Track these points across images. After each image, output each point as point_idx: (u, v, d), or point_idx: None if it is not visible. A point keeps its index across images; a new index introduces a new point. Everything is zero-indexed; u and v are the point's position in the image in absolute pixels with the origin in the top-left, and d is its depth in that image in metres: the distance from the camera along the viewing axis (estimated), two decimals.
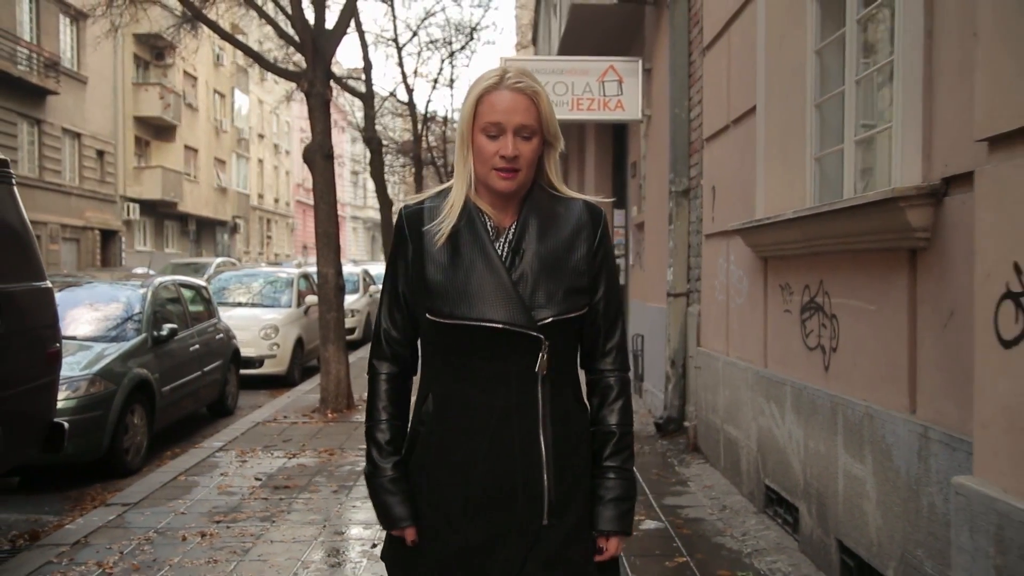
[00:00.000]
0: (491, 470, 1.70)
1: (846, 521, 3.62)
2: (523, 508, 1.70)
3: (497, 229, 1.75)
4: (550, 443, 1.70)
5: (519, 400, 1.69)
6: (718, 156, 5.99)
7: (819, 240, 3.92)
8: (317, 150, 8.28)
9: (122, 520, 4.88)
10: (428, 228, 1.73)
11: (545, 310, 1.68)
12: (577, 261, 1.74)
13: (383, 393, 1.83)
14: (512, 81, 1.68)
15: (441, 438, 1.74)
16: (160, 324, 7.13)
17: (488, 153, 1.68)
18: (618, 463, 1.78)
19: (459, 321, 1.67)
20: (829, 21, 4.48)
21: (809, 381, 4.11)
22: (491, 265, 1.69)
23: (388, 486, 1.78)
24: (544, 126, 1.71)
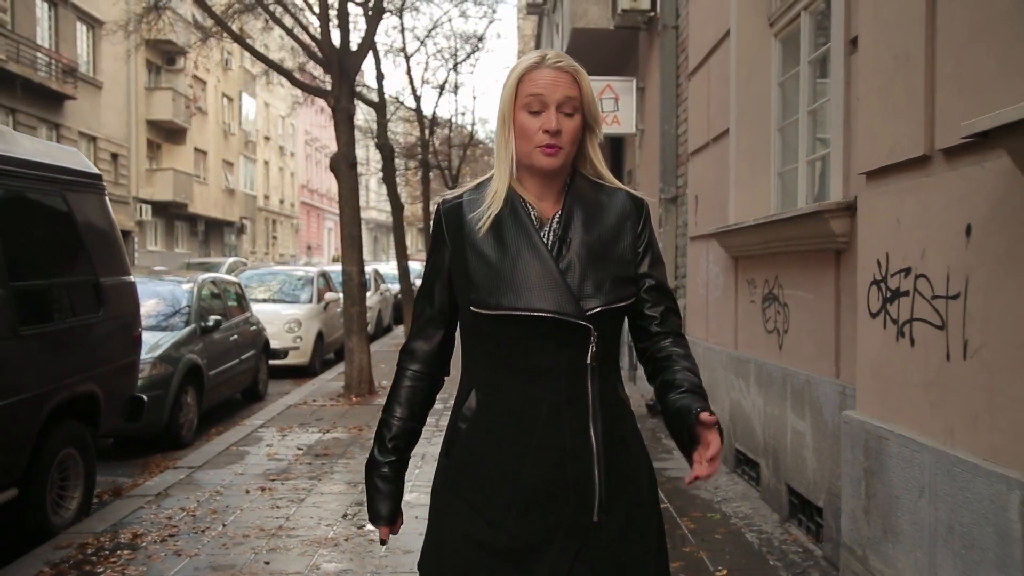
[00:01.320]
0: (541, 467, 1.64)
1: (792, 468, 4.51)
2: (573, 506, 1.64)
3: (541, 219, 1.71)
4: (600, 437, 1.65)
5: (569, 393, 1.64)
6: (700, 169, 6.87)
7: (774, 243, 4.81)
8: (342, 159, 9.15)
9: (191, 479, 5.77)
10: (470, 218, 1.71)
11: (594, 299, 1.64)
12: (624, 250, 1.71)
13: (404, 390, 1.82)
14: (553, 60, 1.68)
15: (486, 436, 1.70)
16: (206, 316, 8.02)
17: (531, 130, 1.65)
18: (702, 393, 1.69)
19: (506, 311, 1.63)
20: (789, 59, 5.36)
21: (767, 358, 5.00)
22: (538, 254, 1.65)
23: (378, 483, 1.80)
24: (586, 106, 1.69)
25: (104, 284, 5.10)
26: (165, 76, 33.57)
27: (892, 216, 2.80)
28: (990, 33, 2.20)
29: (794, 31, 5.16)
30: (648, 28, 8.57)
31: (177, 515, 4.91)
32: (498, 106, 1.73)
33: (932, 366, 2.51)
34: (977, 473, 2.21)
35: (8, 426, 4.10)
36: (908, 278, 2.66)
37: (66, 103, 25.97)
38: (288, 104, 47.28)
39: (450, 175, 23.06)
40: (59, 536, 4.50)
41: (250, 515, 4.93)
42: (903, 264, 2.70)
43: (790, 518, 4.60)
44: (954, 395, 2.39)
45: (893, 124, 2.76)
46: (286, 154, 51.99)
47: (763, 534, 4.49)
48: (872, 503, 2.85)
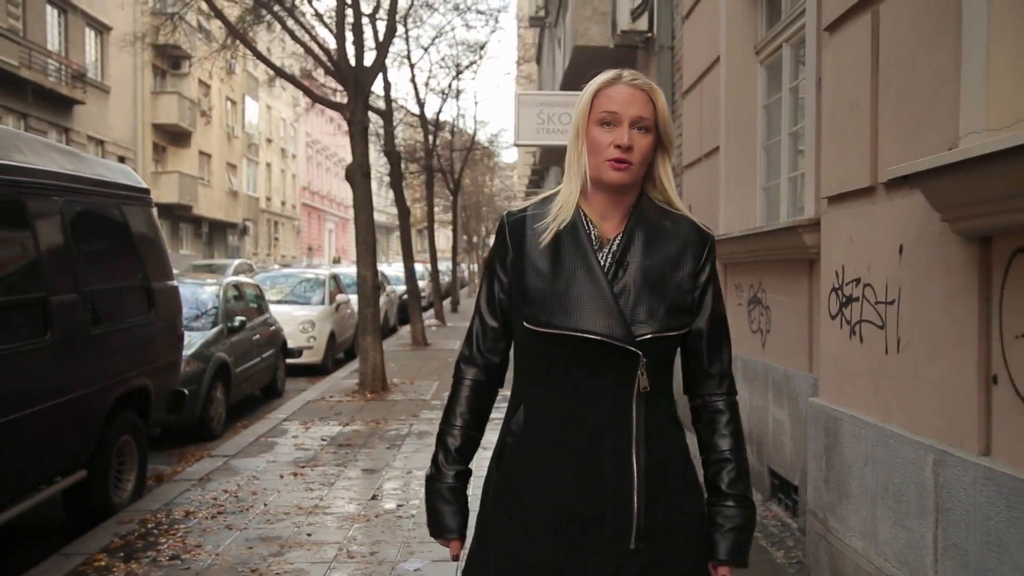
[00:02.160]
0: (579, 489, 1.63)
1: (773, 453, 5.07)
2: (610, 531, 1.62)
3: (601, 240, 1.70)
4: (643, 464, 1.63)
5: (612, 417, 1.63)
6: (694, 181, 7.43)
7: (758, 252, 5.37)
8: (357, 169, 9.71)
9: (228, 465, 6.33)
10: (532, 232, 1.71)
11: (645, 326, 1.63)
12: (682, 279, 1.69)
13: (463, 399, 1.81)
14: (629, 78, 1.67)
15: (530, 452, 1.70)
16: (231, 317, 8.58)
17: (603, 144, 1.64)
18: (737, 491, 1.70)
19: (555, 330, 1.63)
20: (773, 84, 5.92)
21: (752, 355, 5.56)
22: (592, 275, 1.64)
23: (446, 494, 1.77)
24: (660, 124, 1.67)
25: (154, 288, 5.66)
26: (171, 80, 34.13)
27: (847, 235, 3.36)
28: (915, 96, 2.75)
29: (777, 60, 5.72)
30: (645, 47, 9.13)
31: (221, 496, 5.47)
32: (572, 120, 1.73)
33: (875, 359, 3.07)
34: (904, 443, 2.77)
35: (81, 414, 4.66)
36: (858, 286, 3.23)
37: (75, 108, 26.50)
38: (290, 107, 48.02)
39: (452, 178, 23.65)
40: (121, 513, 5.07)
41: (287, 496, 5.49)
42: (855, 275, 3.26)
43: (771, 497, 5.17)
44: (890, 382, 2.95)
45: (847, 158, 3.33)
46: (287, 156, 52.55)
47: None
48: (830, 474, 3.42)
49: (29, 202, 4.28)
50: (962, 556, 2.43)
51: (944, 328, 2.58)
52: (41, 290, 4.29)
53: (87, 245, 4.84)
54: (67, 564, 4.22)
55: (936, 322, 2.63)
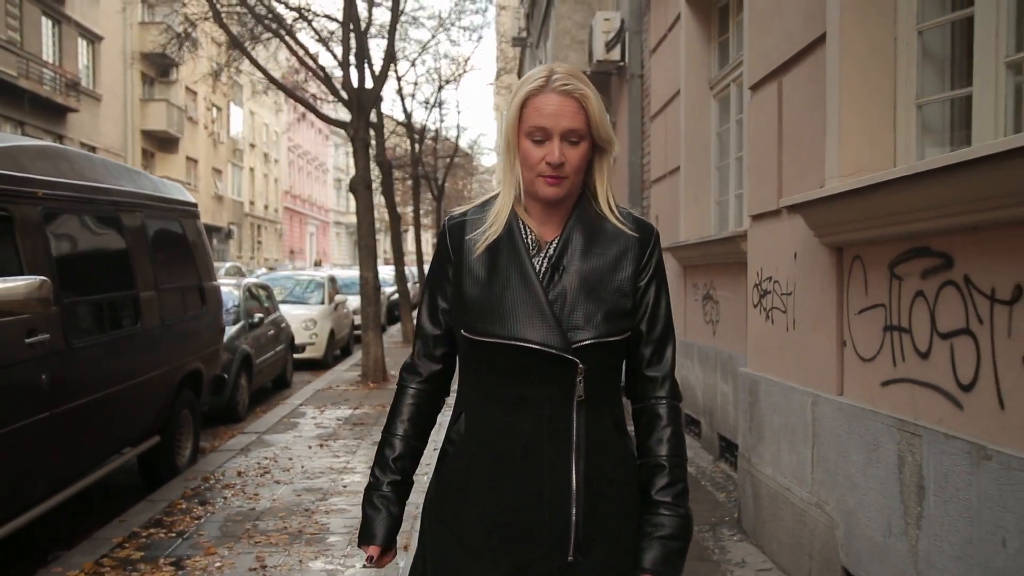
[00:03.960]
0: (517, 501, 1.61)
1: (720, 420, 6.21)
2: (547, 543, 1.60)
3: (538, 243, 1.66)
4: (582, 475, 1.60)
5: (551, 427, 1.60)
6: (660, 194, 8.57)
7: (709, 256, 6.51)
8: (360, 182, 10.78)
9: (262, 440, 7.39)
10: (470, 238, 1.67)
11: (583, 332, 1.59)
12: (621, 281, 1.64)
13: (405, 408, 1.77)
14: (559, 83, 1.58)
15: (468, 461, 1.67)
16: (251, 314, 9.63)
17: (534, 159, 1.59)
18: (669, 498, 1.64)
19: (491, 339, 1.60)
20: (723, 115, 7.07)
21: (705, 342, 6.70)
22: (527, 281, 1.61)
23: (376, 502, 1.73)
24: (594, 130, 1.61)
25: (205, 287, 6.72)
26: (159, 88, 34.97)
27: (764, 244, 4.50)
28: (803, 147, 3.87)
29: (727, 95, 6.86)
30: (619, 74, 10.28)
31: (263, 461, 6.54)
32: (503, 128, 1.67)
33: (780, 335, 4.21)
34: (796, 392, 3.91)
35: (159, 389, 5.72)
36: (770, 283, 4.36)
37: (69, 115, 27.29)
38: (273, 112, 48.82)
39: (436, 184, 24.74)
40: (184, 472, 6.13)
41: (319, 461, 6.57)
42: (768, 274, 4.40)
43: (720, 457, 6.31)
44: (789, 351, 4.08)
45: (763, 187, 4.46)
46: (271, 161, 53.36)
47: (701, 468, 6.19)
48: (752, 423, 4.55)
49: (123, 217, 5.35)
50: (826, 463, 3.57)
51: (818, 310, 3.72)
52: (133, 288, 5.36)
53: (159, 251, 5.90)
54: (156, 507, 5.29)
55: (814, 306, 3.76)
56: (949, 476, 2.62)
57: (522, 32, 16.19)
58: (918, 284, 2.89)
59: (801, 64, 3.96)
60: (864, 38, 3.43)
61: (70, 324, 4.47)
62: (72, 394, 4.45)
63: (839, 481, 3.44)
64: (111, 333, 5.04)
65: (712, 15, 7.13)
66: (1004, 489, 2.34)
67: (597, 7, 10.56)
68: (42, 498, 4.34)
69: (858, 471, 3.26)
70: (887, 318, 3.11)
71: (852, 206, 3.24)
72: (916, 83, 3.32)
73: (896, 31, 3.39)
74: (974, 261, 2.57)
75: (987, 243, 2.51)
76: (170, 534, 4.76)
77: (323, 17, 12.26)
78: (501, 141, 1.68)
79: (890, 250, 3.09)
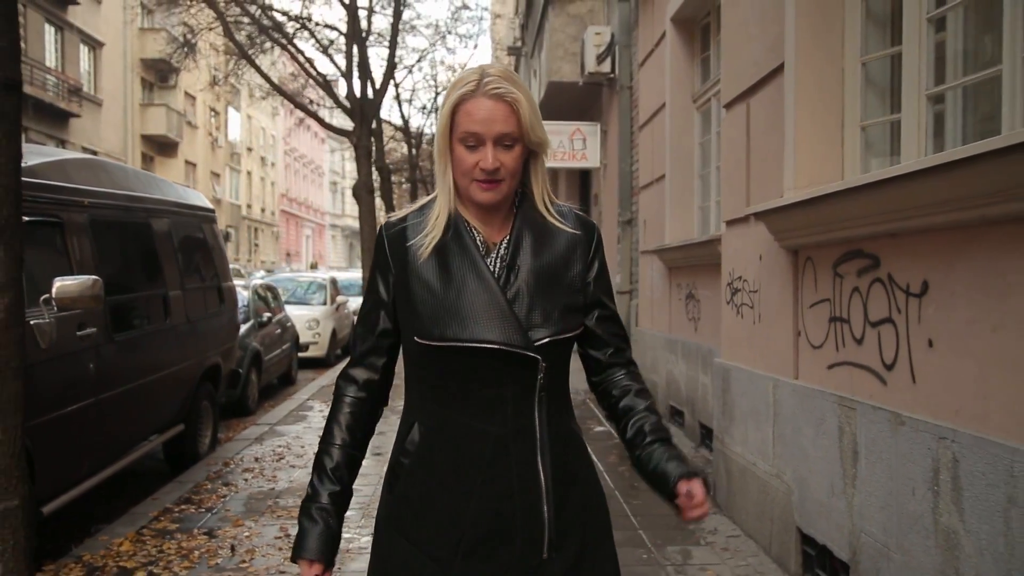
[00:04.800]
0: (486, 504, 1.58)
1: (702, 410, 6.73)
2: (521, 544, 1.58)
3: (487, 244, 1.65)
4: (549, 472, 1.60)
5: (515, 426, 1.59)
6: (647, 200, 9.08)
7: (691, 258, 7.02)
8: (362, 187, 11.30)
9: (274, 430, 7.88)
10: (412, 244, 1.63)
11: (542, 330, 1.59)
12: (573, 278, 1.66)
13: (342, 416, 1.73)
14: (491, 87, 1.56)
15: (429, 471, 1.62)
16: (260, 313, 10.12)
17: (468, 165, 1.58)
18: (666, 435, 1.70)
19: (451, 343, 1.56)
20: (705, 126, 7.59)
21: (688, 338, 7.22)
22: (484, 282, 1.58)
23: (315, 514, 1.65)
24: (525, 133, 1.59)
25: (223, 287, 7.22)
26: (158, 93, 35.46)
27: (735, 247, 5.01)
28: (766, 162, 4.38)
29: (708, 108, 7.38)
30: (609, 85, 10.80)
31: (278, 448, 7.04)
32: (436, 132, 1.66)
33: (748, 328, 4.72)
34: (760, 378, 4.42)
35: (183, 380, 6.21)
36: (740, 281, 4.88)
37: (71, 120, 27.78)
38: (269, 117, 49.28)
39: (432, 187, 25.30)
40: (206, 458, 6.63)
41: None
42: (738, 274, 4.92)
43: (701, 444, 6.82)
44: (755, 341, 4.60)
45: (734, 195, 4.98)
46: (267, 164, 53.86)
47: None
48: (725, 408, 5.06)
49: (153, 223, 5.85)
50: (784, 439, 4.08)
51: (778, 305, 4.23)
52: (163, 287, 5.86)
53: (184, 253, 6.40)
54: (184, 487, 5.78)
55: (775, 302, 4.28)
56: (875, 441, 3.14)
57: (517, 42, 16.73)
58: (855, 281, 3.41)
59: (765, 88, 4.48)
60: (816, 68, 3.95)
61: (112, 319, 4.97)
62: (114, 382, 4.95)
63: (794, 453, 3.95)
64: (145, 328, 5.54)
65: (695, 33, 7.65)
66: (913, 448, 2.86)
67: (589, 21, 11.08)
68: (87, 476, 4.84)
69: (809, 443, 3.78)
70: (831, 310, 3.63)
71: (804, 214, 3.75)
72: (860, 108, 3.84)
73: (843, 63, 3.91)
74: (895, 261, 3.09)
75: (904, 246, 3.03)
76: (200, 509, 5.26)
77: (324, 27, 12.79)
78: (435, 146, 1.66)
79: (834, 252, 3.61)
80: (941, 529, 2.70)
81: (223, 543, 4.61)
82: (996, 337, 2.47)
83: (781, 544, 4.09)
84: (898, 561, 2.97)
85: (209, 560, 4.35)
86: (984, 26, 3.14)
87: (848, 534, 3.37)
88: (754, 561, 4.23)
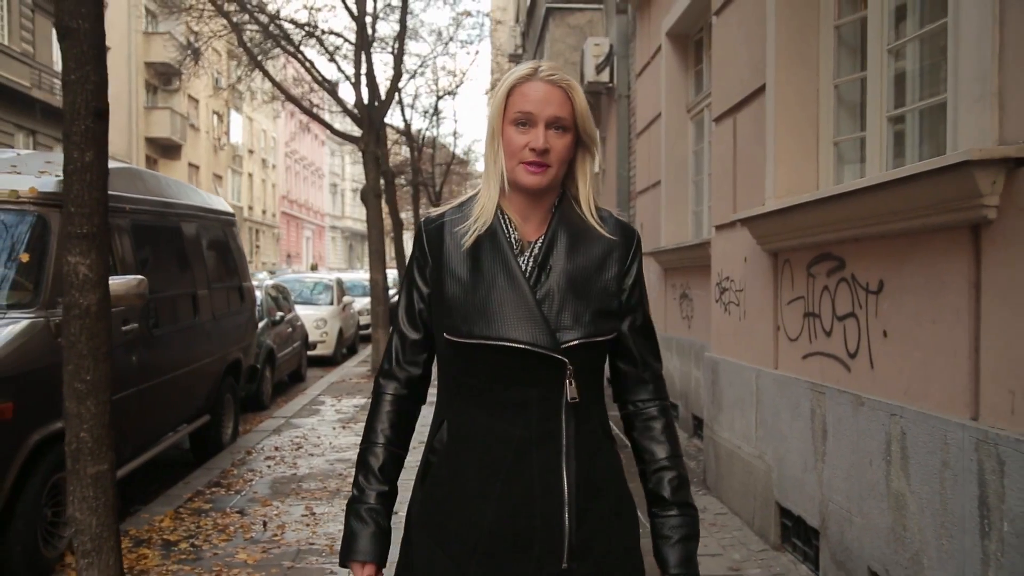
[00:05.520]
0: (506, 508, 1.56)
1: (694, 402, 7.17)
2: (540, 552, 1.55)
3: (522, 243, 1.63)
4: (573, 480, 1.56)
5: (540, 430, 1.56)
6: (644, 204, 9.53)
7: (685, 259, 7.47)
8: (370, 191, 11.73)
9: (290, 423, 8.32)
10: (450, 239, 1.63)
11: (571, 332, 1.55)
12: (607, 281, 1.62)
13: (385, 415, 1.71)
14: (546, 73, 1.58)
15: (454, 471, 1.62)
16: (273, 313, 10.56)
17: (517, 145, 1.57)
18: (680, 499, 1.64)
19: (477, 341, 1.55)
20: (699, 135, 8.04)
21: (682, 335, 7.66)
22: (514, 281, 1.57)
23: (364, 514, 1.65)
24: (579, 123, 1.60)
25: (244, 287, 7.66)
26: (162, 96, 35.92)
27: (723, 249, 5.46)
28: (751, 172, 4.82)
29: (702, 118, 7.83)
30: (608, 94, 11.25)
31: (295, 439, 7.48)
32: (487, 118, 1.65)
33: (734, 324, 5.17)
34: (744, 369, 4.86)
35: (210, 374, 6.65)
36: (728, 281, 5.32)
37: None
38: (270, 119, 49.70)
39: (434, 191, 25.72)
40: (229, 447, 7.06)
41: (343, 439, 7.50)
42: (726, 274, 5.36)
43: (694, 435, 7.27)
44: (741, 336, 5.04)
45: (723, 202, 5.42)
46: (268, 166, 54.30)
47: None
48: (714, 398, 5.51)
49: (183, 226, 6.29)
50: (765, 423, 4.53)
51: (761, 303, 4.68)
52: (192, 287, 6.30)
53: (210, 254, 6.83)
54: (212, 473, 6.22)
55: (758, 300, 4.73)
56: (840, 420, 3.58)
57: (518, 49, 17.17)
58: (825, 280, 3.85)
59: (750, 105, 4.93)
60: (793, 89, 4.40)
61: (151, 316, 5.40)
62: (152, 374, 5.38)
63: (774, 435, 4.40)
64: (178, 324, 5.97)
65: (689, 47, 8.10)
66: (871, 425, 3.30)
67: (588, 33, 11.54)
68: (129, 459, 5.27)
69: (786, 426, 4.22)
70: (806, 306, 4.07)
71: (782, 221, 4.20)
72: (833, 125, 4.28)
73: (818, 84, 4.36)
74: (857, 263, 3.54)
75: (864, 250, 3.47)
76: (229, 492, 5.70)
77: (331, 34, 13.20)
78: (487, 131, 1.64)
79: (807, 255, 4.05)
80: (892, 493, 3.14)
81: (255, 520, 5.04)
82: (935, 328, 2.92)
83: (763, 518, 4.53)
84: (859, 524, 3.41)
85: (244, 534, 4.78)
86: (938, 56, 3.59)
87: (818, 504, 3.82)
88: (739, 534, 4.67)
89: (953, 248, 2.81)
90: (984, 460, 2.56)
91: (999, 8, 2.59)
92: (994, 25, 2.60)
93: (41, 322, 4.25)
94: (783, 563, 4.19)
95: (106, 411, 2.96)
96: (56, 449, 4.24)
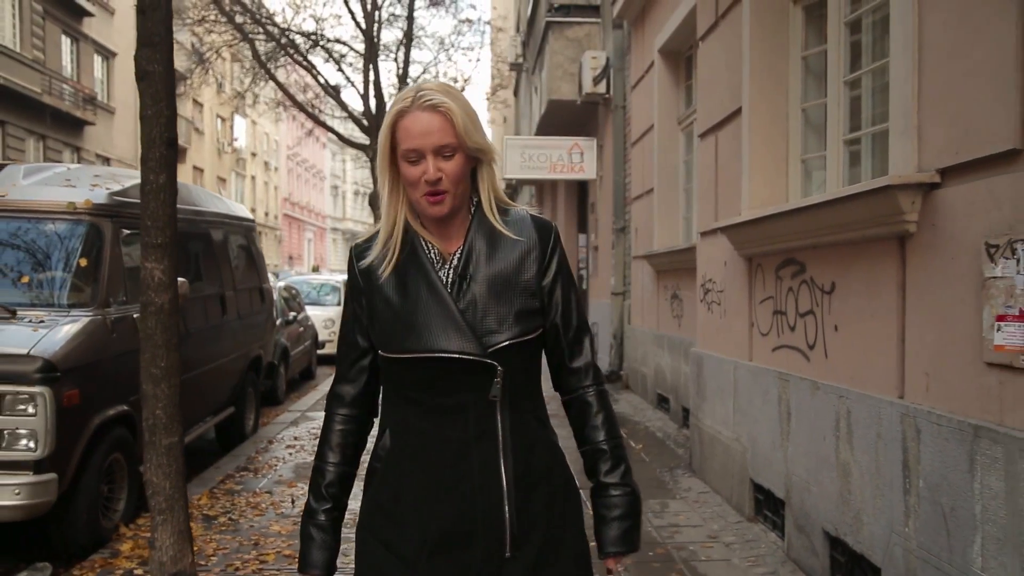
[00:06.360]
0: (449, 507, 1.65)
1: (684, 395, 7.71)
2: (483, 544, 1.65)
3: (442, 256, 1.70)
4: (511, 473, 1.66)
5: (477, 430, 1.65)
6: (639, 210, 10.08)
7: (675, 262, 8.01)
8: (378, 197, 12.25)
9: (306, 416, 8.87)
10: (375, 262, 1.71)
11: (496, 335, 1.64)
12: (527, 281, 1.70)
13: (335, 435, 1.80)
14: (424, 100, 1.62)
15: (397, 475, 1.70)
16: (285, 313, 11.10)
17: (413, 178, 1.63)
18: (616, 479, 1.73)
19: (409, 355, 1.64)
20: (690, 145, 8.58)
21: (673, 333, 8.21)
22: (436, 294, 1.65)
23: (312, 531, 1.76)
24: (463, 141, 1.63)
25: (263, 288, 8.21)
26: None
27: (707, 254, 6.01)
28: (731, 184, 5.36)
29: (691, 130, 8.37)
30: (605, 104, 11.79)
31: (312, 430, 8.02)
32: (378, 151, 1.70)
33: (716, 321, 5.71)
34: (724, 362, 5.41)
35: (236, 368, 7.20)
36: (711, 283, 5.87)
37: (86, 128, 28.79)
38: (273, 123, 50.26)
39: None
40: (252, 437, 7.61)
41: None
42: (709, 276, 5.91)
43: (683, 425, 7.81)
44: (722, 333, 5.59)
45: (706, 211, 5.97)
46: (271, 169, 54.90)
47: (667, 433, 7.69)
48: (699, 389, 6.05)
49: (212, 232, 6.84)
50: (741, 409, 5.07)
51: (738, 303, 5.22)
52: (221, 288, 6.85)
53: (235, 258, 7.39)
54: (238, 459, 6.77)
55: (735, 300, 5.28)
56: (801, 404, 4.13)
57: (519, 58, 17.72)
58: (790, 282, 4.40)
59: (729, 125, 5.48)
60: (766, 111, 4.94)
61: (187, 314, 5.95)
62: (189, 367, 5.90)
63: (748, 419, 4.94)
64: (210, 322, 6.52)
65: (680, 63, 8.65)
66: (824, 406, 3.85)
67: (586, 45, 12.09)
68: None
69: (758, 411, 4.77)
70: (775, 305, 4.62)
71: (754, 230, 4.75)
72: (801, 144, 4.83)
73: (788, 107, 4.91)
74: (815, 267, 4.08)
75: (820, 256, 4.02)
76: (257, 475, 6.25)
77: (336, 42, 13.76)
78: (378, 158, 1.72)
79: (776, 260, 4.60)
80: (840, 464, 3.69)
81: (283, 498, 5.59)
82: (873, 323, 3.46)
83: (739, 494, 5.08)
84: (815, 492, 3.96)
85: (275, 510, 5.33)
86: (886, 89, 4.13)
87: (784, 477, 4.36)
88: (718, 509, 5.22)
89: (885, 256, 3.36)
90: (906, 430, 3.10)
91: (918, 57, 3.14)
92: (914, 71, 3.15)
93: (99, 319, 4.79)
94: (755, 531, 4.74)
95: (176, 392, 3.50)
96: (111, 433, 4.78)
